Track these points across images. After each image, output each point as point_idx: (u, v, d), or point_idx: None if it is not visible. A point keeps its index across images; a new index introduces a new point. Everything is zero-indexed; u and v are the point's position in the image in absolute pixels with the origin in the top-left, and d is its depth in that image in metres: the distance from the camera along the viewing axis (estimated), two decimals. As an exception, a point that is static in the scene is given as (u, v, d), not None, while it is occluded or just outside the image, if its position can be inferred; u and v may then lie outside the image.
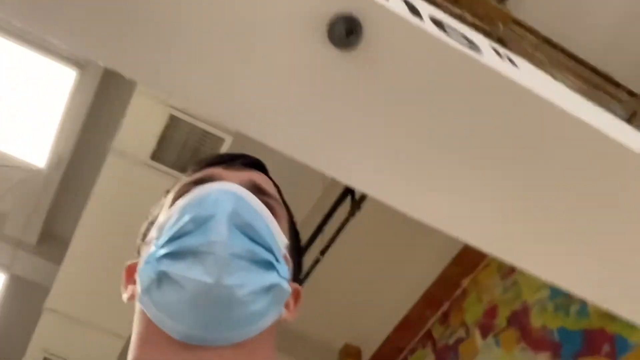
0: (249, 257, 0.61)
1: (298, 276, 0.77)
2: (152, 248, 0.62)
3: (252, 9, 1.04)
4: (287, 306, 0.70)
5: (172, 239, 0.61)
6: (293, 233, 0.76)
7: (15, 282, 2.97)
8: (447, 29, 1.18)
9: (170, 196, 0.70)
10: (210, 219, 0.61)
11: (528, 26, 2.30)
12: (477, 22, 1.41)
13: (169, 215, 0.65)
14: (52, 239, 3.10)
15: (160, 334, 0.60)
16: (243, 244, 0.61)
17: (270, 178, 0.77)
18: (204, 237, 0.60)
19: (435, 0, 1.36)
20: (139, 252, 0.69)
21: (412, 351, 3.74)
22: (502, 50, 1.29)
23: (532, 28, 2.30)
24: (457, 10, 1.37)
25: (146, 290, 0.61)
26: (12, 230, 2.94)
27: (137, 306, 0.64)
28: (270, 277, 0.63)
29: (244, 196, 0.65)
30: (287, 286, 0.65)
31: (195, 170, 0.73)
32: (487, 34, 1.44)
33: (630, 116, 1.78)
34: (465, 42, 1.15)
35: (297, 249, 0.77)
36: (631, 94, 2.31)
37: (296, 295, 0.74)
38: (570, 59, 2.27)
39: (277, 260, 0.64)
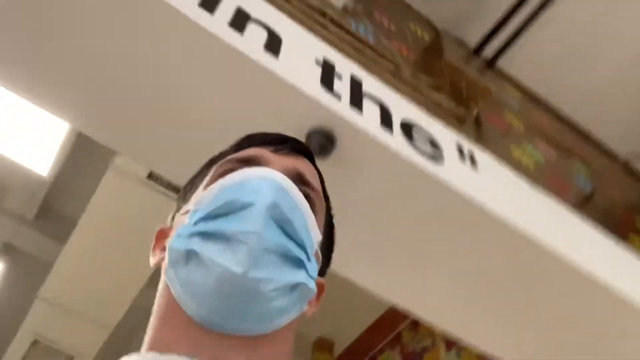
0: (281, 252, 0.59)
1: (325, 270, 0.76)
2: (186, 221, 0.61)
3: (242, 120, 1.19)
4: (310, 302, 0.68)
5: (207, 218, 0.60)
6: (328, 227, 0.74)
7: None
8: (415, 135, 1.32)
9: (213, 170, 0.67)
10: (248, 206, 0.59)
11: (514, 81, 2.42)
12: (453, 108, 1.54)
13: (208, 191, 0.63)
14: (52, 217, 3.22)
15: (180, 314, 0.59)
16: (277, 239, 0.59)
17: (316, 167, 0.74)
18: (240, 224, 0.58)
19: (418, 86, 1.48)
20: (173, 218, 0.68)
21: (381, 351, 3.89)
22: (467, 148, 1.43)
23: (517, 83, 2.42)
24: (436, 97, 1.50)
25: (173, 264, 0.60)
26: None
27: (163, 277, 0.63)
28: (298, 276, 0.61)
29: (286, 187, 0.63)
30: (313, 286, 0.63)
31: (243, 147, 0.71)
32: (461, 118, 1.57)
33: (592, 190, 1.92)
34: (429, 149, 1.30)
35: (330, 244, 0.75)
36: (609, 155, 2.44)
37: (320, 290, 0.71)
38: (550, 115, 2.39)
39: (308, 258, 0.62)
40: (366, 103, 1.22)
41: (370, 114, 1.20)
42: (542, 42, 2.40)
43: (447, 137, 1.37)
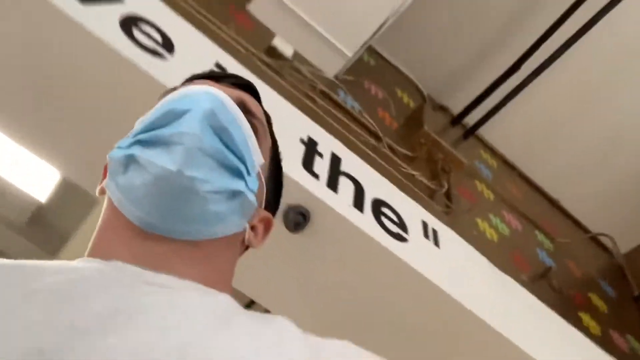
0: (218, 157, 0.59)
1: (273, 207, 0.76)
2: (127, 136, 0.62)
3: None
4: (254, 229, 0.69)
5: (146, 129, 0.61)
6: (274, 163, 0.74)
7: None
8: (384, 212, 1.45)
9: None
10: (185, 112, 0.60)
11: (491, 148, 2.56)
12: (426, 181, 1.66)
13: (150, 110, 0.64)
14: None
15: (120, 219, 0.60)
16: (214, 144, 0.59)
17: (262, 106, 0.74)
18: (176, 128, 0.59)
19: (395, 160, 1.61)
20: None
21: None
22: (431, 225, 1.56)
23: (494, 151, 2.56)
24: (410, 171, 1.63)
25: (113, 175, 0.61)
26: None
27: (105, 198, 0.64)
28: (236, 184, 0.61)
29: (226, 102, 0.63)
30: (253, 199, 0.63)
31: (185, 83, 0.72)
32: (432, 192, 1.69)
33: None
34: (397, 225, 1.42)
35: (277, 183, 0.75)
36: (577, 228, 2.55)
37: (267, 224, 0.72)
38: (523, 184, 2.53)
39: (247, 172, 0.62)
40: (342, 182, 1.35)
41: (345, 193, 1.33)
42: (523, 114, 2.54)
43: (414, 214, 1.50)
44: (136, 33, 1.19)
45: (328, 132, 1.49)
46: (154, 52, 1.19)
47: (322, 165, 1.34)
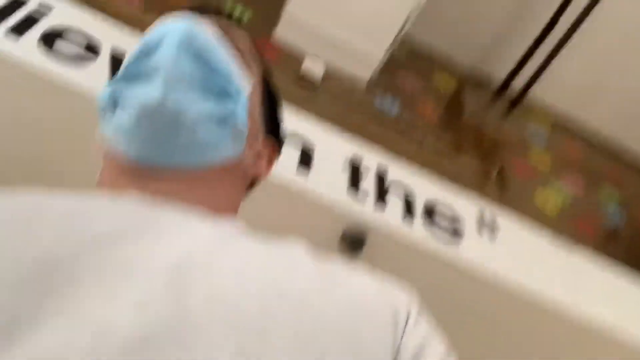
0: (200, 82, 0.58)
1: (277, 133, 0.75)
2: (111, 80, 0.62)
3: (285, 223, 1.40)
4: (259, 156, 0.69)
5: (125, 67, 0.61)
6: (268, 93, 0.73)
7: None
8: (436, 217, 1.50)
9: None
10: (161, 42, 0.59)
11: (542, 113, 2.52)
12: (476, 168, 1.69)
13: None
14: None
15: (117, 159, 0.60)
16: (193, 66, 0.58)
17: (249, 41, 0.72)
18: (152, 59, 0.58)
19: (441, 152, 1.65)
20: None
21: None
22: (487, 216, 1.59)
23: (546, 114, 2.52)
24: (459, 161, 1.66)
25: (104, 116, 0.62)
26: None
27: (102, 161, 0.64)
28: (223, 107, 0.60)
29: (201, 27, 0.61)
30: (243, 121, 0.62)
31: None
32: (484, 176, 1.71)
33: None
34: (450, 228, 1.47)
35: (273, 110, 0.74)
36: None
37: (272, 151, 0.72)
38: (581, 141, 2.48)
39: (234, 94, 0.61)
40: (390, 195, 1.40)
41: (394, 206, 1.39)
42: (569, 69, 2.48)
43: (467, 207, 1.53)
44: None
45: (370, 145, 1.55)
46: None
47: (368, 184, 1.40)
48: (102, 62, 1.25)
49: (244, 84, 0.63)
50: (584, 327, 1.44)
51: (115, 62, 1.27)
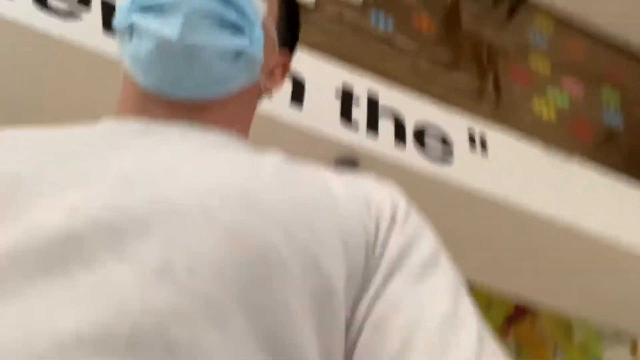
0: (216, 17, 0.59)
1: (291, 46, 0.76)
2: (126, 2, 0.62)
3: None
4: (272, 75, 0.71)
5: None
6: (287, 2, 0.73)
7: None
8: (427, 139, 1.56)
9: None
10: None
11: (544, 10, 2.45)
12: (471, 84, 1.71)
13: None
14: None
15: (133, 87, 0.62)
16: (211, 3, 0.59)
17: None
18: None
19: (435, 73, 1.66)
20: None
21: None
22: (478, 133, 1.64)
23: (548, 11, 2.45)
24: (453, 78, 1.67)
25: (122, 42, 0.63)
26: None
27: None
28: (238, 42, 0.61)
29: None
30: (258, 54, 0.64)
31: None
32: (480, 91, 1.73)
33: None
34: (440, 148, 1.53)
35: (292, 19, 0.75)
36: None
37: (284, 67, 0.74)
38: (584, 38, 2.42)
39: (250, 25, 0.62)
40: (381, 121, 1.44)
41: (385, 132, 1.43)
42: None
43: (459, 127, 1.57)
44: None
45: (363, 69, 1.56)
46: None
47: (360, 110, 1.44)
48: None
49: (259, 7, 0.64)
50: (576, 234, 1.50)
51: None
